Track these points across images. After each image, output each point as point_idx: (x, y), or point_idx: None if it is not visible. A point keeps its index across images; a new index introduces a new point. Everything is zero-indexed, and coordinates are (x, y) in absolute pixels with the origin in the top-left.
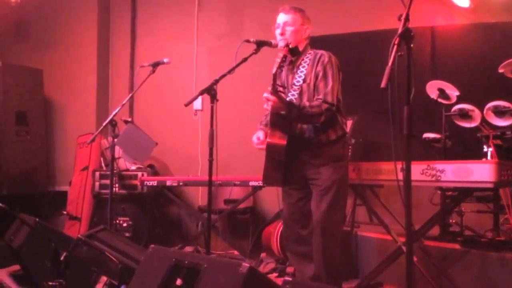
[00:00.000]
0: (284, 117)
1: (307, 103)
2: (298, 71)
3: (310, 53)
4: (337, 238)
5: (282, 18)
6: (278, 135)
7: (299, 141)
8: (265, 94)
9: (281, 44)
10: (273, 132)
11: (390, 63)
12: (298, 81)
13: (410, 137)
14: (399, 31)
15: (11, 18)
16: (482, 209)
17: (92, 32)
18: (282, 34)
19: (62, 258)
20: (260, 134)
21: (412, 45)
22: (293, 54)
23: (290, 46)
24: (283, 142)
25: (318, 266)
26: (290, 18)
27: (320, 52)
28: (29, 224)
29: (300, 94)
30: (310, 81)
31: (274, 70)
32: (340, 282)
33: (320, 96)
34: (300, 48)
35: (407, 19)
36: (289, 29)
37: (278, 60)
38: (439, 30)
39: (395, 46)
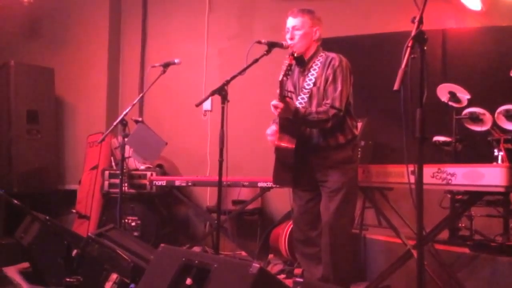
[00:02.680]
0: (293, 121)
1: (313, 110)
2: (309, 74)
3: (321, 56)
4: (345, 239)
5: (290, 22)
6: (287, 138)
7: (308, 145)
8: (273, 102)
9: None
10: (282, 135)
11: (403, 66)
12: (308, 84)
13: (423, 140)
14: (413, 33)
15: (23, 18)
16: (492, 214)
17: (103, 32)
18: (291, 38)
19: (73, 255)
20: (274, 127)
21: (425, 48)
22: (299, 62)
23: (296, 55)
24: (292, 145)
25: (326, 267)
26: (298, 22)
27: (331, 55)
28: (40, 220)
29: (310, 97)
30: (320, 84)
31: (280, 78)
32: (348, 283)
33: (328, 101)
34: (311, 52)
35: (420, 21)
36: (297, 33)
37: (284, 68)
38: (451, 33)
39: (409, 49)
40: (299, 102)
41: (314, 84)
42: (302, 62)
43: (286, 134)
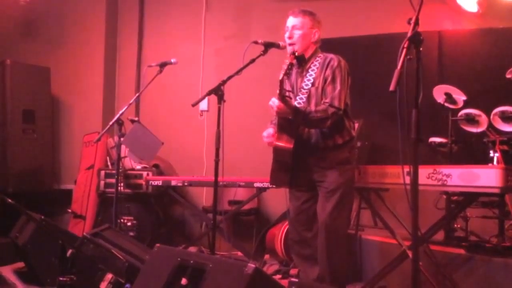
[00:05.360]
0: (292, 121)
1: (313, 108)
2: (307, 75)
3: (319, 57)
4: (341, 239)
5: (291, 21)
6: (285, 138)
7: (306, 146)
8: (272, 100)
9: (289, 48)
10: (280, 135)
11: (399, 67)
12: (306, 85)
13: (418, 141)
14: (409, 34)
15: (19, 17)
16: (487, 215)
17: (99, 32)
18: (290, 37)
19: (68, 255)
20: (271, 130)
21: (421, 49)
22: (300, 61)
23: (297, 54)
24: (290, 145)
25: (322, 267)
26: (298, 22)
27: (329, 56)
28: (36, 220)
29: (308, 97)
30: (319, 85)
31: (280, 77)
32: (344, 283)
33: (327, 100)
34: (309, 53)
35: (416, 23)
36: (297, 32)
37: (285, 67)
38: (447, 34)
39: (404, 50)
40: (298, 102)
41: (313, 84)
42: (303, 62)
43: (284, 134)
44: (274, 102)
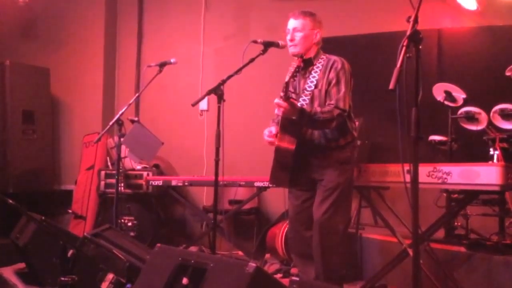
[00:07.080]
0: (295, 122)
1: (318, 109)
2: (310, 77)
3: (322, 59)
4: (336, 239)
5: (291, 23)
6: (287, 139)
7: (309, 146)
8: (276, 100)
9: (291, 50)
10: (282, 136)
11: (398, 65)
12: (309, 87)
13: (418, 139)
14: (408, 33)
15: (18, 18)
16: (488, 212)
17: (99, 32)
18: (291, 40)
19: (69, 255)
20: (273, 129)
21: (420, 47)
22: (306, 65)
23: (304, 57)
24: (292, 146)
25: (317, 264)
26: (299, 23)
27: (333, 58)
28: (36, 220)
29: (311, 99)
30: (322, 87)
31: (287, 79)
32: (341, 282)
33: (332, 102)
34: (311, 54)
35: (415, 21)
36: (298, 34)
37: (292, 69)
38: (446, 32)
39: (404, 48)
40: (301, 104)
41: (316, 86)
42: (310, 65)
43: (286, 135)
44: (280, 102)
